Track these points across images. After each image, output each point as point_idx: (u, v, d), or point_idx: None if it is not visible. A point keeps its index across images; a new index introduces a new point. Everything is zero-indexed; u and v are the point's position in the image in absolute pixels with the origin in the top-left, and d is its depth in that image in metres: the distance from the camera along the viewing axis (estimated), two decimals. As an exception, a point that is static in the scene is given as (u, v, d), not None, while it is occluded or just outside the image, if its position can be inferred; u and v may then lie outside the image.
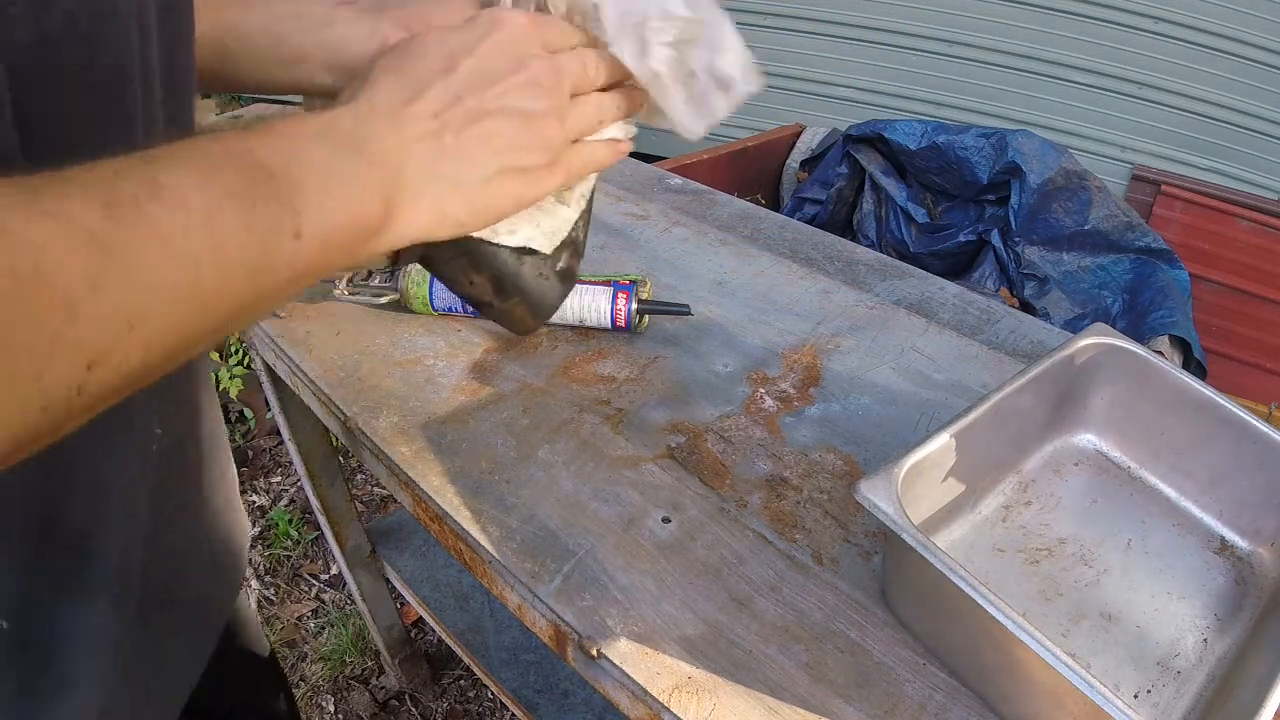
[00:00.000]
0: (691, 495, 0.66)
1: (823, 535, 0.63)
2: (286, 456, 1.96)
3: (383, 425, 0.71)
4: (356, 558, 1.23)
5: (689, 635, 0.55)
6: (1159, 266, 2.02)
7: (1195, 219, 2.23)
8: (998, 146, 2.07)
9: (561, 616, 0.56)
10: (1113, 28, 2.29)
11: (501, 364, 0.79)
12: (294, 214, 0.31)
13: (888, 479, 0.53)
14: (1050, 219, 2.05)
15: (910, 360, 0.82)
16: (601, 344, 0.82)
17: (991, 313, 0.89)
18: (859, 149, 2.32)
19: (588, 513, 0.64)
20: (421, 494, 0.65)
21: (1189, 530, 0.66)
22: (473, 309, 0.70)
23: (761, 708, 0.51)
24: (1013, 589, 0.61)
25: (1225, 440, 0.63)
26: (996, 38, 2.45)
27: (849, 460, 0.70)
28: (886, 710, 0.52)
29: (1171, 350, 1.88)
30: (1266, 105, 2.25)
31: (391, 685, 1.54)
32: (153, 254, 0.26)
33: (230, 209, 0.29)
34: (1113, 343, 0.67)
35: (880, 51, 2.59)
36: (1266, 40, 2.17)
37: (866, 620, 0.57)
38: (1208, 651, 0.58)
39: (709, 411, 0.74)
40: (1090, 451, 0.71)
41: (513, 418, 0.72)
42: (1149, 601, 0.61)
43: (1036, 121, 2.46)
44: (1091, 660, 0.57)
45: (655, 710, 0.52)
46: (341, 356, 0.78)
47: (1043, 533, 0.65)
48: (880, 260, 0.98)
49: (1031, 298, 2.05)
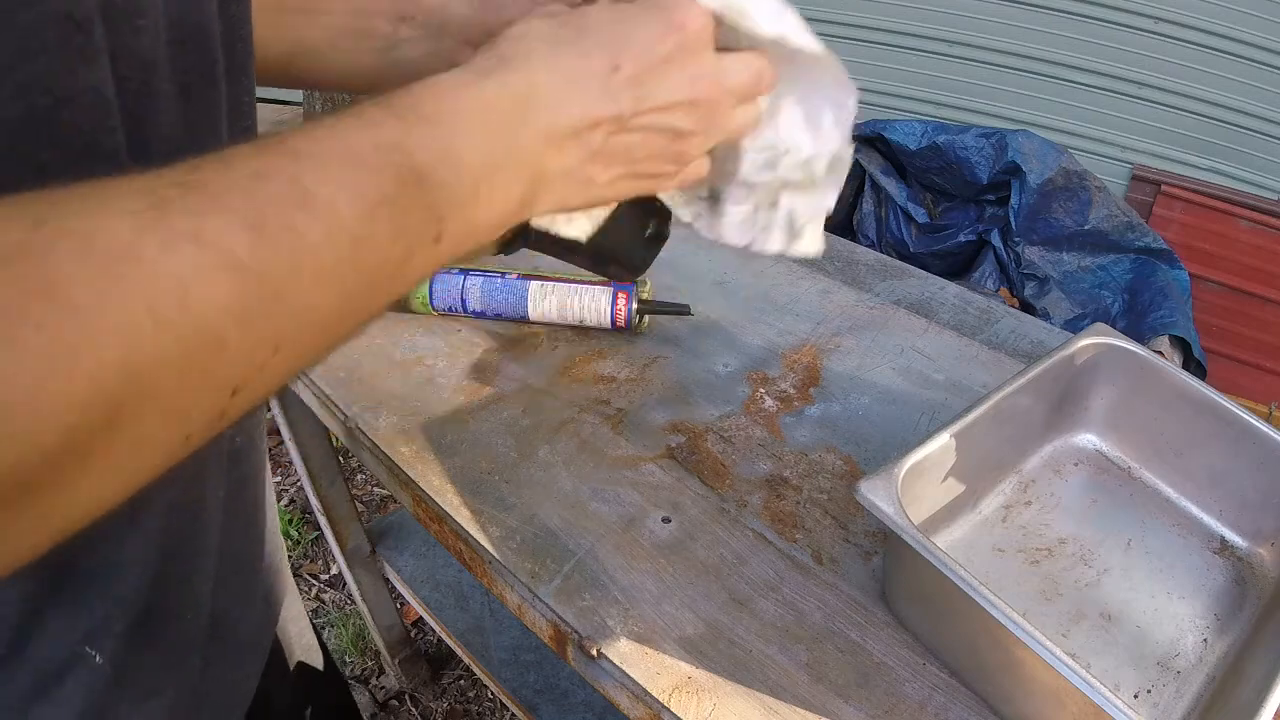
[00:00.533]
0: (691, 495, 0.66)
1: (823, 535, 0.63)
2: (286, 456, 1.95)
3: (383, 425, 0.71)
4: (356, 558, 1.23)
5: (689, 635, 0.55)
6: (1159, 266, 2.02)
7: (1195, 219, 2.23)
8: (998, 146, 2.07)
9: (561, 616, 0.56)
10: (1113, 28, 2.29)
11: (501, 364, 0.79)
12: (438, 220, 0.30)
13: (888, 479, 0.53)
14: (1050, 219, 2.05)
15: (910, 360, 0.82)
16: (601, 344, 0.82)
17: (991, 313, 0.89)
18: (859, 149, 2.32)
19: (588, 513, 0.64)
20: (421, 494, 0.65)
21: (1189, 530, 0.66)
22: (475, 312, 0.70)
23: (761, 708, 0.51)
24: (1013, 589, 0.61)
25: (1225, 440, 0.63)
26: (996, 38, 2.45)
27: (849, 460, 0.70)
28: (886, 710, 0.51)
29: (1171, 350, 1.88)
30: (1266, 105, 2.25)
31: (391, 685, 1.54)
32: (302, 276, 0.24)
33: (381, 219, 0.27)
34: (1113, 343, 0.67)
35: (880, 51, 2.59)
36: (1266, 40, 2.17)
37: (866, 620, 0.57)
38: (1208, 651, 0.58)
39: (709, 411, 0.74)
40: (1090, 451, 0.71)
41: (513, 418, 0.72)
42: (1149, 601, 0.61)
43: (1036, 121, 2.46)
44: (1091, 660, 0.57)
45: (655, 710, 0.52)
46: (341, 356, 0.78)
47: (1043, 533, 0.65)
48: (880, 260, 0.98)
49: (1031, 298, 2.05)
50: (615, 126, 0.35)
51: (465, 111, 0.31)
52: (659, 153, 0.37)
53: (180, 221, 0.22)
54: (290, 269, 0.24)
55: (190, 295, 0.21)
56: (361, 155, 0.27)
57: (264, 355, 0.24)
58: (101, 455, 0.21)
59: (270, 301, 0.23)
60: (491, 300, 0.81)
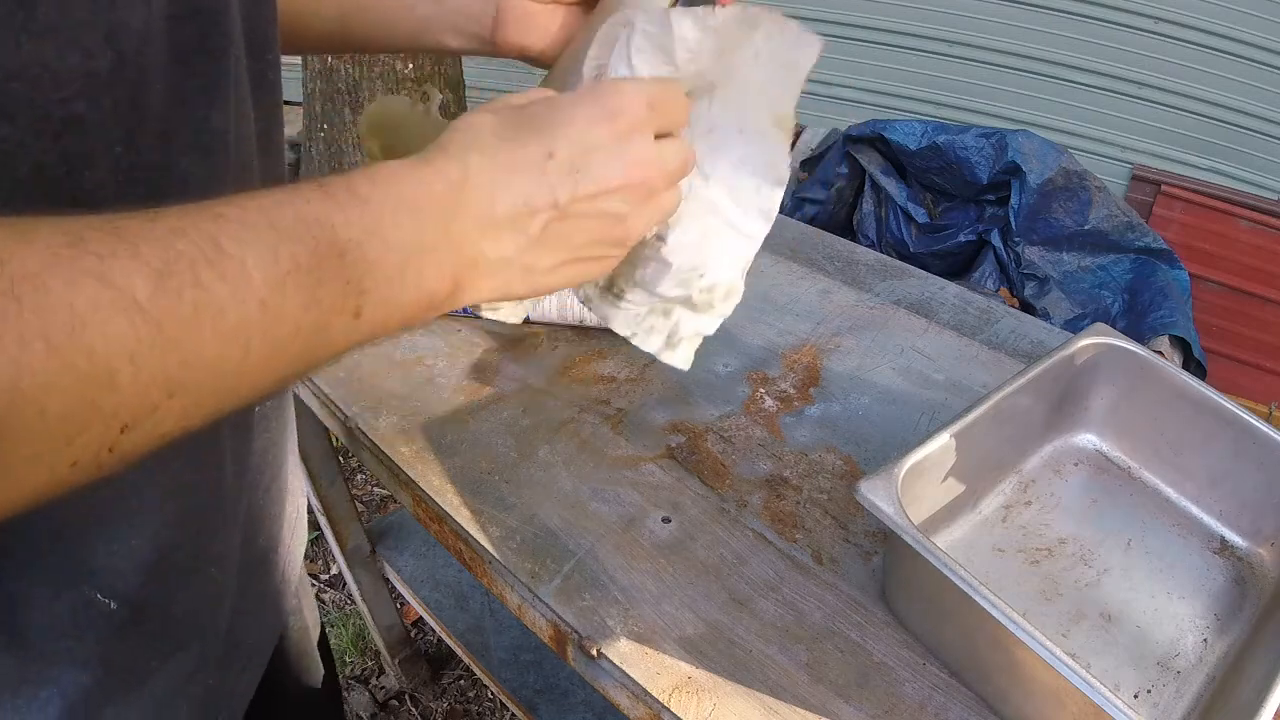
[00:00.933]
0: (691, 495, 0.66)
1: (823, 535, 0.63)
2: (286, 456, 1.95)
3: (383, 425, 0.71)
4: (356, 558, 1.23)
5: (689, 635, 0.55)
6: (1159, 266, 2.02)
7: (1195, 219, 2.23)
8: (998, 146, 2.07)
9: (561, 616, 0.56)
10: (1113, 28, 2.29)
11: (501, 364, 0.79)
12: (359, 294, 0.30)
13: (888, 479, 0.53)
14: (1050, 219, 2.05)
15: (910, 360, 0.82)
16: (601, 344, 0.82)
17: (991, 313, 0.89)
18: (859, 149, 2.32)
19: (588, 513, 0.64)
20: (421, 494, 0.65)
21: (1189, 530, 0.66)
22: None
23: (761, 708, 0.51)
24: (1013, 589, 0.61)
25: (1225, 440, 0.63)
26: (996, 38, 2.45)
27: (849, 460, 0.70)
28: (886, 710, 0.51)
29: (1171, 350, 1.87)
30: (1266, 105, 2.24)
31: (391, 685, 1.54)
32: (202, 329, 0.25)
33: (292, 286, 0.27)
34: (1113, 343, 0.67)
35: (880, 51, 2.59)
36: (1266, 40, 2.17)
37: (866, 620, 0.57)
38: (1208, 651, 0.58)
39: (709, 411, 0.74)
40: (1090, 451, 0.71)
41: (513, 418, 0.72)
42: (1149, 601, 0.61)
43: (1036, 121, 2.46)
44: (1091, 660, 0.57)
45: (655, 710, 0.52)
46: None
47: (1043, 533, 0.65)
48: (880, 260, 0.98)
49: (1031, 298, 2.05)
50: (554, 214, 0.35)
51: (398, 196, 0.32)
52: (600, 238, 0.38)
53: (89, 261, 0.23)
54: (190, 321, 0.25)
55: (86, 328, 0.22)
56: (282, 225, 0.28)
57: (157, 397, 0.25)
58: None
59: (165, 348, 0.24)
60: (491, 300, 0.81)
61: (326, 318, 0.29)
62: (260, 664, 0.57)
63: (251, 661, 0.55)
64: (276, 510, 0.54)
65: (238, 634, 0.51)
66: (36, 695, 0.38)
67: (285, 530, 0.57)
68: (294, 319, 0.28)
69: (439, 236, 0.33)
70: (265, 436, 0.49)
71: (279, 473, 0.53)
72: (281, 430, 0.53)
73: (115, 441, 0.24)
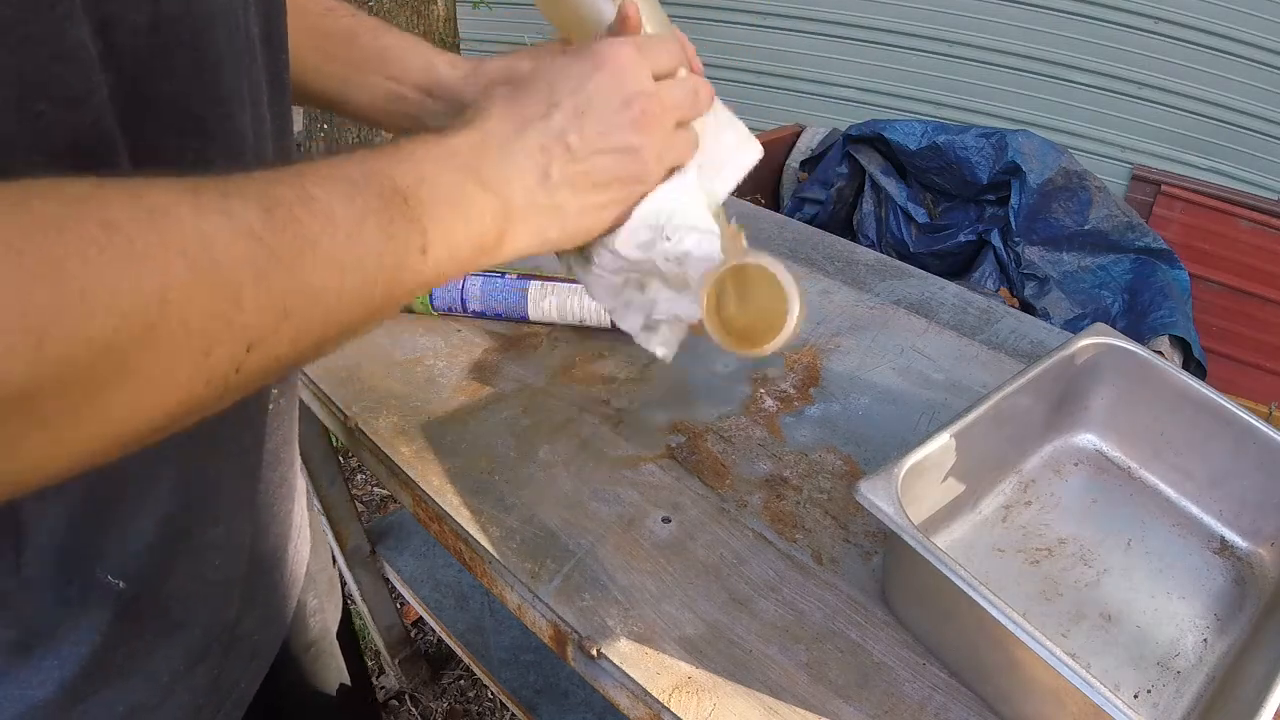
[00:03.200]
0: (691, 495, 0.66)
1: (823, 535, 0.63)
2: (286, 456, 1.95)
3: (383, 425, 0.71)
4: (356, 558, 1.23)
5: (689, 635, 0.55)
6: (1159, 266, 2.02)
7: (1195, 219, 2.23)
8: (998, 146, 2.07)
9: (561, 616, 0.56)
10: (1113, 28, 2.29)
11: (501, 364, 0.79)
12: (422, 232, 0.34)
13: (888, 479, 0.53)
14: (1050, 219, 2.05)
15: (910, 360, 0.82)
16: (601, 344, 0.82)
17: (991, 313, 0.89)
18: (859, 149, 2.32)
19: (588, 513, 0.64)
20: (421, 494, 0.65)
21: (1189, 530, 0.66)
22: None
23: (761, 708, 0.51)
24: (1013, 589, 0.61)
25: (1225, 440, 0.63)
26: (996, 38, 2.44)
27: (849, 460, 0.70)
28: (886, 710, 0.51)
29: (1171, 350, 1.87)
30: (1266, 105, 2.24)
31: (391, 685, 1.54)
32: (303, 257, 0.29)
33: (370, 225, 0.32)
34: (1113, 343, 0.67)
35: (880, 51, 2.59)
36: (1266, 40, 2.17)
37: (866, 620, 0.57)
38: (1208, 651, 0.58)
39: (709, 411, 0.74)
40: (1090, 451, 0.71)
41: (513, 418, 0.72)
42: (1149, 601, 0.61)
43: (1036, 121, 2.46)
44: (1091, 660, 0.57)
45: (655, 710, 0.52)
46: (341, 356, 0.78)
47: (1043, 533, 0.65)
48: (880, 260, 0.98)
49: (1031, 298, 2.05)
50: (568, 156, 0.39)
51: (434, 154, 0.37)
52: (619, 174, 0.41)
53: (209, 199, 0.27)
54: (295, 249, 0.29)
55: (216, 248, 0.26)
56: (352, 177, 0.32)
57: (274, 319, 0.28)
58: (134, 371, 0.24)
59: (279, 270, 0.28)
60: (491, 300, 0.81)
61: (400, 255, 0.33)
62: (266, 660, 0.57)
63: (257, 655, 0.56)
64: (286, 508, 0.55)
65: (244, 626, 0.52)
66: (39, 666, 0.39)
67: (293, 530, 0.58)
68: (376, 253, 0.32)
69: (474, 187, 0.37)
70: (278, 435, 0.51)
71: (288, 472, 0.55)
72: (290, 430, 0.54)
73: (242, 361, 0.27)
